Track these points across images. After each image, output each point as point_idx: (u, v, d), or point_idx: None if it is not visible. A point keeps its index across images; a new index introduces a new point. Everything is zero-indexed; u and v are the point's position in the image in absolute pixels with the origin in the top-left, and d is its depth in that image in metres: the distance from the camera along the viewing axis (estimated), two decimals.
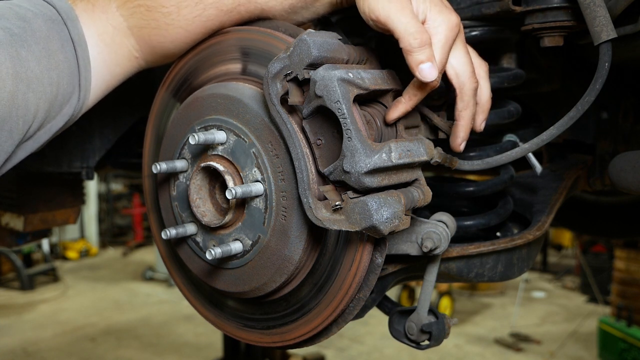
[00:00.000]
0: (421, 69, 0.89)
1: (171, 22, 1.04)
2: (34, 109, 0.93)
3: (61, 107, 0.99)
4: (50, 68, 0.95)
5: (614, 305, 6.78)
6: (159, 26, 1.04)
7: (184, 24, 1.05)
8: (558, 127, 1.06)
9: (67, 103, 1.00)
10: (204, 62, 1.12)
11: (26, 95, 0.90)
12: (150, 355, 6.64)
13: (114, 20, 1.04)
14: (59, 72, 0.96)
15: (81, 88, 1.02)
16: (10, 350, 6.70)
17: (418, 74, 0.89)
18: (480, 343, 7.05)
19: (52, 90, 0.95)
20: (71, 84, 1.00)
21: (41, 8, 0.98)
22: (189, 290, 1.24)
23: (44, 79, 0.93)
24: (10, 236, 2.25)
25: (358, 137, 0.84)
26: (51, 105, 0.96)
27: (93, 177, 1.83)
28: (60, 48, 0.97)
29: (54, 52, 0.96)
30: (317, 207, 0.89)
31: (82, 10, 1.03)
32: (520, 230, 1.38)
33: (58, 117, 1.00)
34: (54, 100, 0.97)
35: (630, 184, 1.15)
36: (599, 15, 0.99)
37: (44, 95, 0.94)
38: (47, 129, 0.99)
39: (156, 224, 1.25)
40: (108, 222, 12.38)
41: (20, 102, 0.89)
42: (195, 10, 1.03)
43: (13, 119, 0.89)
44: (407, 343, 1.17)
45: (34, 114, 0.93)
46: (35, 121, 0.95)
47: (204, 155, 1.06)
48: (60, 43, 0.98)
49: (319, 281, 1.01)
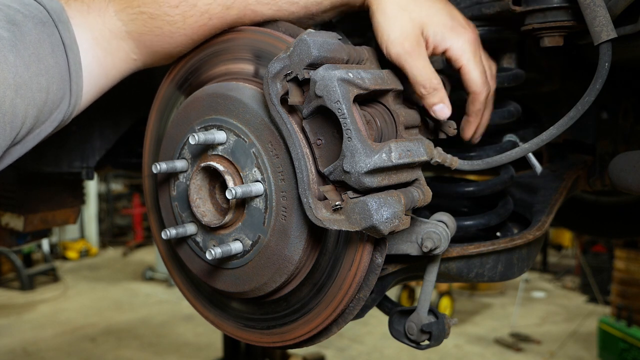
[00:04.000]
0: (435, 110, 1.01)
1: (176, 30, 1.03)
2: (22, 115, 0.90)
3: (50, 112, 0.97)
4: (40, 73, 0.93)
5: (614, 305, 6.77)
6: (163, 33, 1.04)
7: (189, 32, 1.04)
8: (558, 127, 1.06)
9: (57, 109, 0.99)
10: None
11: (14, 101, 0.88)
12: (150, 355, 6.63)
13: (112, 25, 1.03)
14: (48, 77, 0.94)
15: (72, 93, 1.00)
16: (10, 350, 6.69)
17: (433, 114, 1.02)
18: (480, 343, 7.05)
19: (41, 96, 0.93)
20: (61, 89, 0.98)
21: (31, 9, 0.96)
22: (189, 290, 1.24)
23: (32, 85, 0.91)
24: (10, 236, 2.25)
25: (358, 137, 0.84)
26: (40, 111, 0.94)
27: (93, 177, 1.83)
28: (51, 52, 0.95)
29: (44, 56, 0.94)
30: (317, 207, 0.89)
31: (76, 12, 1.02)
32: (520, 230, 1.38)
33: (47, 122, 0.98)
34: (43, 106, 0.95)
35: (630, 184, 1.15)
36: (599, 15, 0.99)
37: (32, 101, 0.92)
38: (35, 134, 0.98)
39: (156, 224, 1.25)
40: (108, 222, 12.37)
41: (8, 109, 0.87)
42: (201, 19, 1.03)
43: (0, 125, 0.87)
44: (407, 343, 1.17)
45: (22, 121, 0.91)
46: (24, 127, 0.92)
47: (204, 155, 1.06)
48: (51, 47, 0.95)
49: (319, 281, 1.01)
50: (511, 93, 1.32)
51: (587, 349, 6.78)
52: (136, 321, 7.75)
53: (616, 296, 6.91)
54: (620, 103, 1.68)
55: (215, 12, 1.03)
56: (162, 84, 1.21)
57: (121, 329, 7.44)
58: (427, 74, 0.99)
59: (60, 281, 9.60)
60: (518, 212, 1.43)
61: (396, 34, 0.98)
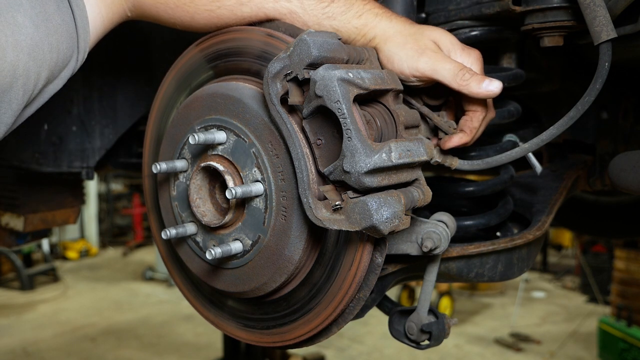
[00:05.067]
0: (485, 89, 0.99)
1: (181, 5, 1.03)
2: (35, 78, 0.90)
3: (60, 70, 0.97)
4: (49, 33, 0.91)
5: (614, 305, 6.77)
6: (167, 3, 1.03)
7: (192, 10, 1.03)
8: (558, 127, 1.06)
9: (66, 67, 0.98)
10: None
11: (27, 64, 0.87)
12: (150, 355, 6.63)
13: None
14: (58, 36, 0.93)
15: (79, 50, 0.99)
16: (10, 350, 6.69)
17: (486, 94, 0.99)
18: (480, 343, 7.04)
19: (52, 56, 0.92)
20: (70, 48, 0.97)
21: None
22: (189, 290, 1.24)
23: (44, 46, 0.90)
24: (10, 236, 2.25)
25: (358, 137, 0.84)
26: (51, 71, 0.94)
27: (93, 177, 1.84)
28: (57, 10, 0.93)
29: (50, 15, 0.92)
30: (317, 207, 0.89)
31: None
32: (520, 230, 1.38)
33: (57, 80, 0.98)
34: (54, 67, 0.94)
35: (630, 184, 1.15)
36: (599, 15, 0.99)
37: (44, 62, 0.91)
38: (45, 92, 0.97)
39: (156, 224, 1.25)
40: (108, 222, 12.37)
41: (22, 72, 0.86)
42: (211, 4, 1.02)
43: (14, 90, 0.86)
44: (407, 343, 1.17)
45: (34, 83, 0.90)
46: (36, 89, 0.92)
47: (204, 155, 1.06)
48: (56, 4, 0.94)
49: (319, 281, 1.01)
50: (511, 93, 1.32)
51: (587, 349, 6.78)
52: (136, 321, 7.75)
53: (616, 296, 6.91)
54: (620, 103, 1.68)
55: (227, 2, 1.02)
56: (162, 84, 1.21)
57: (121, 329, 7.44)
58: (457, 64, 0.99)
59: (60, 281, 9.60)
60: (518, 212, 1.43)
61: (412, 52, 1.00)
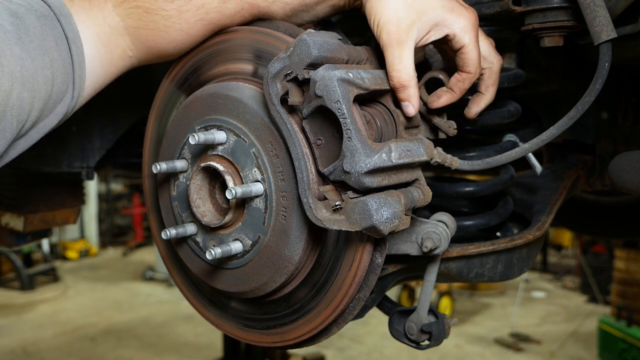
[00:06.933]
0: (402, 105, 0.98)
1: (171, 25, 1.03)
2: (28, 108, 0.91)
3: (55, 105, 0.98)
4: (45, 66, 0.93)
5: (614, 305, 6.77)
6: (158, 27, 1.03)
7: (185, 27, 1.04)
8: (558, 127, 1.06)
9: (61, 101, 0.99)
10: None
11: (21, 94, 0.89)
12: (150, 355, 6.63)
13: (111, 20, 1.03)
14: (53, 70, 0.95)
15: (75, 86, 1.01)
16: (10, 350, 6.69)
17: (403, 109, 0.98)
18: (480, 343, 7.05)
19: (46, 89, 0.94)
20: (65, 82, 0.98)
21: (32, 3, 0.96)
22: (189, 290, 1.24)
23: (38, 78, 0.92)
24: (10, 236, 2.25)
25: (358, 137, 0.84)
26: (45, 104, 0.95)
27: (93, 177, 1.83)
28: (55, 45, 0.96)
29: (48, 49, 0.94)
30: (317, 207, 0.89)
31: (79, 7, 1.02)
32: (520, 230, 1.38)
33: (51, 115, 0.99)
34: (48, 99, 0.96)
35: (630, 184, 1.15)
36: (599, 15, 0.99)
37: (38, 94, 0.93)
38: (39, 127, 0.98)
39: (156, 224, 1.25)
40: (108, 222, 12.38)
41: (15, 102, 0.88)
42: (198, 14, 1.03)
43: (7, 119, 0.88)
44: (407, 343, 1.17)
45: (27, 113, 0.92)
46: (29, 120, 0.93)
47: (204, 155, 1.06)
48: (55, 40, 0.96)
49: (319, 281, 1.01)
50: (511, 93, 1.32)
51: (587, 349, 6.78)
52: (136, 321, 7.75)
53: (616, 296, 6.92)
54: (620, 103, 1.68)
55: (212, 6, 1.02)
56: (161, 85, 1.21)
57: (121, 329, 7.44)
58: (403, 67, 0.95)
59: (60, 281, 9.60)
60: (518, 212, 1.43)
61: (388, 17, 0.95)
